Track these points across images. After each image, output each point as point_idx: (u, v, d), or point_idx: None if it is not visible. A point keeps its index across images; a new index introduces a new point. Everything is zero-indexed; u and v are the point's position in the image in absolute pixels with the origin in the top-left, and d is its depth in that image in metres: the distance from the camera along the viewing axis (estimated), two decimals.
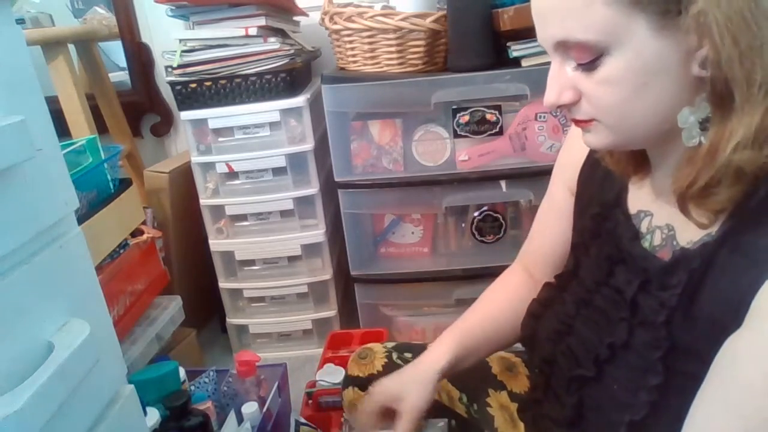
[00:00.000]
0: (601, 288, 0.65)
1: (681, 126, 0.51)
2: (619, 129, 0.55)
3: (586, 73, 0.53)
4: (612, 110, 0.53)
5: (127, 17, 1.75)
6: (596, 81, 0.52)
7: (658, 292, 0.57)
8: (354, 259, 1.51)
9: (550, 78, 0.56)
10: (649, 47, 0.49)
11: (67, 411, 0.56)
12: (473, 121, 1.35)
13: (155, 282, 1.43)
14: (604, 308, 0.64)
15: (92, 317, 0.62)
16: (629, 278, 0.61)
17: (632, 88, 0.51)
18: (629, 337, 0.59)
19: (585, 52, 0.51)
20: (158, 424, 1.03)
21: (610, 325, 0.62)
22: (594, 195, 0.70)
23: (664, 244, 0.60)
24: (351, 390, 0.86)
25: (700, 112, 0.50)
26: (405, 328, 1.58)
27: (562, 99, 0.55)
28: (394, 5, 1.33)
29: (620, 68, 0.50)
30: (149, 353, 1.31)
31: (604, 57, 0.50)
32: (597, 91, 0.53)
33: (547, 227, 0.82)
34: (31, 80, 0.59)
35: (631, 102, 0.52)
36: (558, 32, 0.52)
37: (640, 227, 0.63)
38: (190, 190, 1.57)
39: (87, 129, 1.48)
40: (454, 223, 1.52)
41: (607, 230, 0.66)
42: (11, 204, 0.54)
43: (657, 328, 0.56)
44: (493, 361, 0.89)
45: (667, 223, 0.60)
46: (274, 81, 1.43)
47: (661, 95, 0.51)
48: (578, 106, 0.55)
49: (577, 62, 0.53)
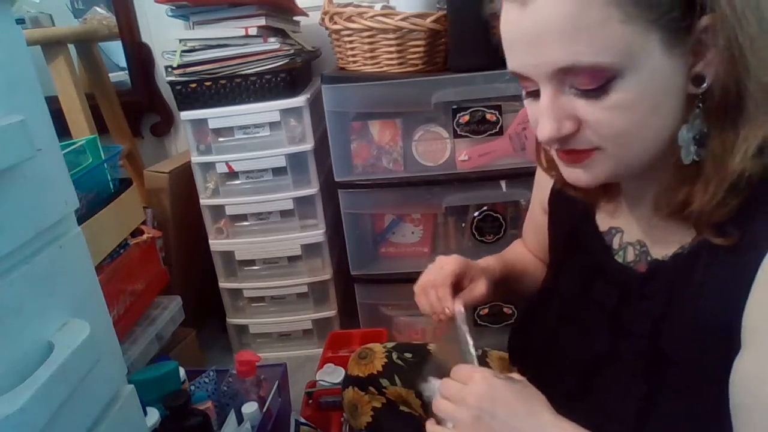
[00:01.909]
0: (581, 301, 0.65)
1: (680, 143, 0.50)
2: (624, 156, 0.51)
3: (592, 100, 0.48)
4: (620, 137, 0.49)
5: (127, 17, 1.75)
6: (605, 107, 0.48)
7: (639, 302, 0.57)
8: (354, 259, 1.51)
9: (543, 110, 0.50)
10: (662, 67, 0.46)
11: (67, 411, 0.56)
12: (473, 121, 1.35)
13: (155, 282, 1.43)
14: (586, 321, 0.64)
15: (92, 317, 0.62)
16: (608, 291, 0.61)
17: (644, 111, 0.48)
18: (613, 349, 0.59)
19: (595, 77, 0.47)
20: (158, 424, 1.04)
21: (593, 338, 0.62)
22: (565, 213, 0.71)
23: (638, 260, 0.60)
24: (351, 390, 0.86)
25: (694, 128, 0.49)
26: (405, 328, 1.58)
27: (564, 130, 0.50)
28: (394, 5, 1.33)
29: (633, 92, 0.47)
30: (149, 353, 1.31)
31: (616, 80, 0.46)
32: (605, 117, 0.48)
33: (529, 235, 0.88)
34: (31, 80, 0.59)
35: (642, 126, 0.49)
36: (563, 57, 0.47)
37: (612, 243, 0.64)
38: (190, 190, 1.57)
39: (87, 129, 1.48)
40: (454, 223, 1.52)
41: (579, 246, 0.67)
42: (11, 204, 0.54)
43: (642, 338, 0.56)
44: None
45: (639, 240, 0.60)
46: (274, 81, 1.43)
47: (667, 117, 0.49)
48: (578, 136, 0.51)
49: (582, 89, 0.48)
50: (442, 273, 0.74)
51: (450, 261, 0.75)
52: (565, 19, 0.45)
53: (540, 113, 0.50)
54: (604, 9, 0.44)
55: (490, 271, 0.79)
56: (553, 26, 0.46)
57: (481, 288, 0.75)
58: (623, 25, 0.44)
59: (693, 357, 0.53)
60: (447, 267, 0.74)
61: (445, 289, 0.73)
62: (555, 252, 0.75)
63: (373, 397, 0.84)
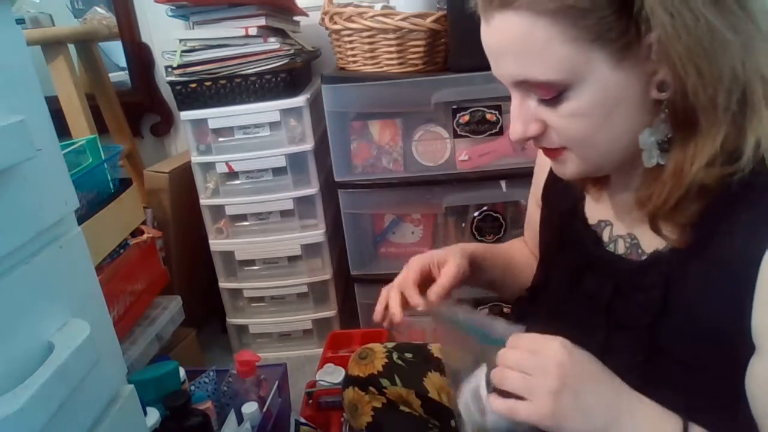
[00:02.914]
0: (573, 296, 0.66)
1: (641, 147, 0.53)
2: (589, 157, 0.56)
3: (551, 108, 0.53)
4: (579, 141, 0.54)
5: (127, 17, 1.75)
6: (561, 114, 0.53)
7: (633, 294, 0.58)
8: (354, 259, 1.51)
9: (513, 112, 0.56)
10: (610, 80, 0.50)
11: (67, 411, 0.56)
12: (473, 121, 1.35)
13: (155, 282, 1.43)
14: (579, 315, 0.64)
15: (92, 317, 0.62)
16: (601, 283, 0.62)
17: (598, 119, 0.52)
18: (607, 342, 0.59)
19: (548, 90, 0.52)
20: (158, 424, 1.04)
21: (586, 332, 0.61)
22: (555, 208, 0.72)
23: (629, 252, 0.61)
24: (351, 390, 0.86)
25: (659, 133, 0.52)
26: (405, 328, 1.58)
27: (529, 132, 0.55)
28: (394, 5, 1.33)
29: (584, 102, 0.51)
30: (149, 353, 1.31)
31: (567, 92, 0.51)
32: (563, 123, 0.53)
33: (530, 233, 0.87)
34: (31, 80, 0.59)
35: (598, 132, 0.53)
36: (518, 72, 0.52)
37: (601, 236, 0.64)
38: (190, 190, 1.57)
39: (87, 129, 1.47)
40: (454, 223, 1.52)
41: (569, 240, 0.68)
42: (11, 204, 0.54)
43: (639, 331, 0.57)
44: None
45: (629, 233, 0.62)
46: (274, 81, 1.43)
47: (626, 122, 0.52)
48: (546, 136, 0.56)
49: (540, 98, 0.53)
50: (404, 277, 0.74)
51: (413, 263, 0.74)
52: (515, 40, 0.50)
53: (511, 115, 0.56)
54: (548, 31, 0.48)
55: (468, 250, 0.77)
56: (506, 45, 0.52)
57: (451, 267, 0.72)
58: (566, 46, 0.48)
59: (690, 350, 0.54)
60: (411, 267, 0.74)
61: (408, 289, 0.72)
62: (546, 250, 0.75)
63: (373, 397, 0.84)
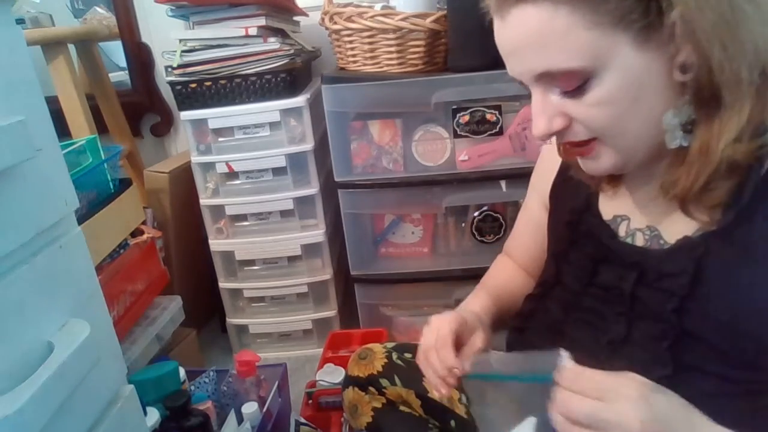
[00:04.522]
0: (588, 289, 0.65)
1: (665, 128, 0.52)
2: (620, 146, 0.55)
3: (575, 99, 0.52)
4: (608, 129, 0.53)
5: (127, 17, 1.75)
6: (587, 104, 0.52)
7: (658, 282, 0.58)
8: (354, 259, 1.51)
9: (534, 109, 0.55)
10: (634, 63, 0.49)
11: (67, 411, 0.56)
12: (473, 121, 1.35)
13: (155, 282, 1.43)
14: (596, 307, 0.64)
15: (92, 317, 0.62)
16: (620, 274, 0.61)
17: (625, 104, 0.51)
18: (628, 332, 0.59)
19: (571, 80, 0.51)
20: (158, 424, 1.03)
21: (606, 323, 0.62)
22: (566, 205, 0.72)
23: (649, 244, 0.61)
24: (351, 390, 0.86)
25: (682, 114, 0.51)
26: (405, 328, 1.58)
27: (554, 126, 0.55)
28: (394, 5, 1.33)
29: (610, 89, 0.50)
30: (149, 353, 1.31)
31: (591, 81, 0.50)
32: (589, 113, 0.52)
33: (527, 233, 0.86)
34: (31, 80, 0.59)
35: (626, 118, 0.52)
36: (539, 64, 0.51)
37: (617, 231, 0.64)
38: (190, 190, 1.57)
39: (87, 129, 1.47)
40: (454, 223, 1.52)
41: (582, 234, 0.68)
42: (11, 204, 0.54)
43: (665, 317, 0.56)
44: None
45: (648, 225, 0.61)
46: (274, 81, 1.43)
47: (652, 106, 0.52)
48: (571, 130, 0.55)
49: (563, 90, 0.52)
50: (440, 336, 0.69)
51: (446, 320, 0.71)
52: (535, 31, 0.50)
53: (533, 112, 0.55)
54: (568, 19, 0.48)
55: (487, 316, 0.76)
56: (525, 38, 0.51)
57: (481, 338, 0.71)
58: (588, 32, 0.48)
59: (719, 334, 0.53)
60: (445, 327, 0.70)
61: (446, 349, 0.67)
62: (556, 244, 0.74)
63: (373, 398, 0.84)
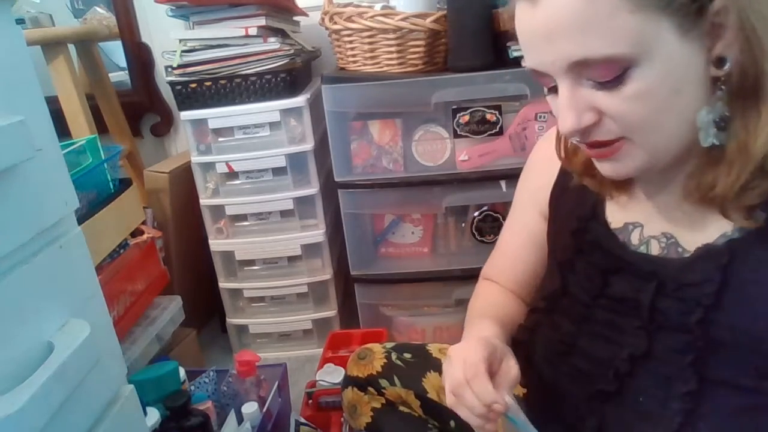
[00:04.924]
0: (598, 300, 0.63)
1: (699, 125, 0.49)
2: (652, 145, 0.51)
3: (610, 91, 0.48)
4: (644, 126, 0.49)
5: (127, 17, 1.75)
6: (623, 97, 0.48)
7: (679, 292, 0.55)
8: (354, 259, 1.51)
9: (563, 103, 0.50)
10: (677, 52, 0.46)
11: (67, 411, 0.56)
12: (473, 121, 1.35)
13: (155, 282, 1.43)
14: (610, 320, 0.62)
15: (92, 317, 0.62)
16: (636, 285, 0.58)
17: (663, 99, 0.48)
18: (650, 346, 0.57)
19: (610, 69, 0.47)
20: (158, 424, 1.04)
21: (623, 336, 0.59)
22: (569, 213, 0.68)
23: (666, 252, 0.58)
24: (351, 390, 0.86)
25: (716, 111, 0.49)
26: (405, 328, 1.58)
27: (584, 122, 0.50)
28: (394, 5, 1.33)
29: (650, 80, 0.47)
30: (149, 353, 1.31)
31: (631, 70, 0.46)
32: (624, 107, 0.48)
33: (518, 250, 0.80)
34: (31, 80, 0.59)
35: (663, 113, 0.49)
36: (576, 51, 0.47)
37: (629, 239, 0.62)
38: (190, 190, 1.57)
39: (87, 129, 1.47)
40: (454, 223, 1.52)
41: (589, 243, 0.65)
42: (11, 204, 0.54)
43: (689, 329, 0.53)
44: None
45: (664, 232, 0.59)
46: (274, 81, 1.43)
47: (689, 101, 0.49)
48: (600, 126, 0.51)
49: (599, 80, 0.48)
50: (470, 365, 0.60)
51: (472, 348, 0.61)
52: (574, 14, 0.45)
53: (560, 107, 0.51)
54: (612, 1, 0.44)
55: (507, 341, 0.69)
56: (563, 21, 0.46)
57: (515, 366, 0.62)
58: (633, 15, 0.44)
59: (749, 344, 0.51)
60: (473, 356, 0.60)
61: (482, 381, 0.58)
62: (561, 253, 0.70)
63: (372, 398, 0.84)
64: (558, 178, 0.72)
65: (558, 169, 0.72)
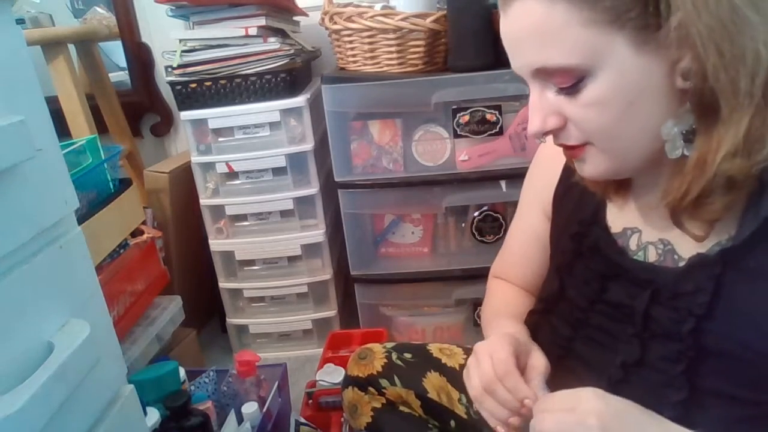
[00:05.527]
0: (595, 305, 0.63)
1: (664, 138, 0.51)
2: (613, 152, 0.53)
3: (570, 97, 0.51)
4: (602, 133, 0.52)
5: (127, 17, 1.75)
6: (581, 104, 0.51)
7: (673, 301, 0.55)
8: (354, 259, 1.51)
9: (531, 106, 0.54)
10: (632, 65, 0.48)
11: (67, 411, 0.56)
12: (473, 121, 1.35)
13: (155, 282, 1.43)
14: (605, 326, 0.62)
15: (92, 317, 0.62)
16: (632, 292, 0.59)
17: (619, 108, 0.50)
18: (643, 353, 0.57)
19: (566, 77, 0.50)
20: (158, 424, 1.04)
21: (617, 343, 0.60)
22: (571, 215, 0.69)
23: (662, 259, 0.59)
24: (351, 390, 0.86)
25: (683, 123, 0.50)
26: (405, 328, 1.58)
27: (548, 125, 0.54)
28: (394, 5, 1.33)
29: (605, 89, 0.49)
30: (149, 353, 1.31)
31: (586, 79, 0.49)
32: (583, 114, 0.51)
33: (526, 248, 0.81)
34: (31, 80, 0.59)
35: (621, 122, 0.51)
36: (535, 59, 0.51)
37: (628, 244, 0.62)
38: (190, 190, 1.57)
39: (87, 129, 1.47)
40: (454, 223, 1.52)
41: (588, 247, 0.65)
42: (11, 204, 0.54)
43: (681, 338, 0.54)
44: None
45: (661, 239, 0.59)
46: (274, 81, 1.43)
47: (649, 112, 0.50)
48: (566, 131, 0.54)
49: (559, 87, 0.51)
50: (499, 361, 0.60)
51: (499, 344, 0.62)
52: (533, 25, 0.49)
53: (529, 109, 0.54)
54: (565, 15, 0.47)
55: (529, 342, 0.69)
56: (524, 32, 0.50)
57: (541, 359, 0.64)
58: (585, 29, 0.47)
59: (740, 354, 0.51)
60: (500, 351, 0.61)
61: (514, 377, 0.59)
62: (561, 256, 0.70)
63: (372, 398, 0.84)
64: (561, 177, 0.72)
65: (561, 167, 0.72)
